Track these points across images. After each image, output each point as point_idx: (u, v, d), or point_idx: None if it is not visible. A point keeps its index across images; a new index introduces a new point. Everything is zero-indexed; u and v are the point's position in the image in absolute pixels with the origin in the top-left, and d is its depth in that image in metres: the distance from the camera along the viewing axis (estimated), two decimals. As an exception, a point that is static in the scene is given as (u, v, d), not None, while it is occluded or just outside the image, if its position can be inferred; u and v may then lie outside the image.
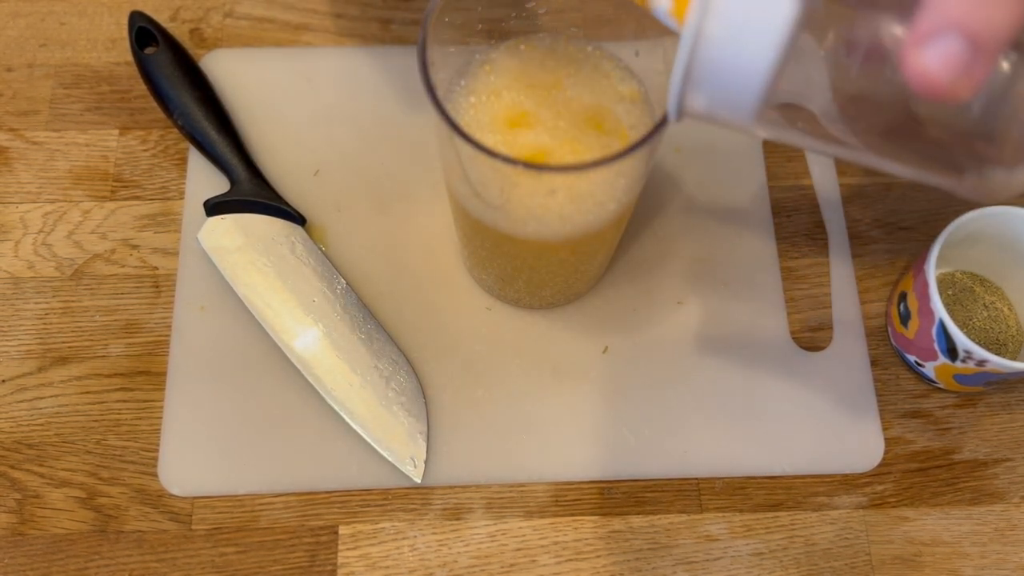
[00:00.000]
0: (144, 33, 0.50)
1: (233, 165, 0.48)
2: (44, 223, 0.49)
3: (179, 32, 0.54)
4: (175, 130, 0.51)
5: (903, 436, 0.46)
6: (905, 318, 0.44)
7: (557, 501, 0.44)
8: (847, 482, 0.45)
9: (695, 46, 0.23)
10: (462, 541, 0.43)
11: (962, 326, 0.46)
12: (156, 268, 0.48)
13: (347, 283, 0.47)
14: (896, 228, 0.50)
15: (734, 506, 0.44)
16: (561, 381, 0.46)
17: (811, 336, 0.48)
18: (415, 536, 0.43)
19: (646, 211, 0.50)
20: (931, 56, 0.19)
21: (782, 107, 0.25)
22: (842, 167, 0.51)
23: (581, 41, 0.39)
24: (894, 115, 0.25)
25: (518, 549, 0.43)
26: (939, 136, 0.25)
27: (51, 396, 0.46)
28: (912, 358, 0.45)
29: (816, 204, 0.50)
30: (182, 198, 0.50)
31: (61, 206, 0.50)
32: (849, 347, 0.47)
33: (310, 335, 0.46)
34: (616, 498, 0.44)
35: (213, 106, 0.49)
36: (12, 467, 0.44)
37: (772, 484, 0.45)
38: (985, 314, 0.47)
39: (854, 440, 0.45)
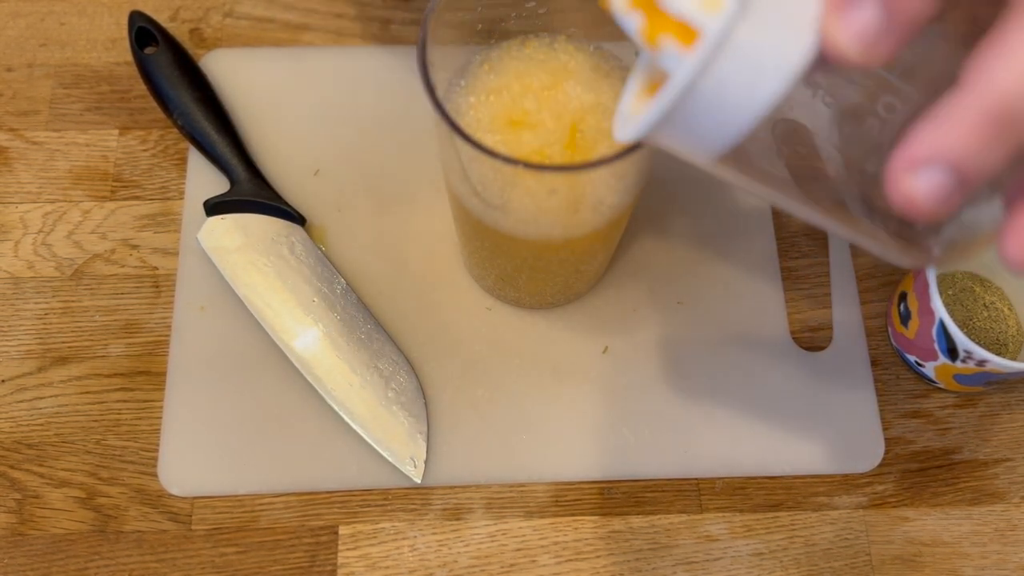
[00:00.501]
0: (144, 33, 0.50)
1: (233, 165, 0.48)
2: (44, 223, 0.49)
3: (179, 32, 0.54)
4: (175, 130, 0.51)
5: (903, 436, 0.46)
6: (905, 318, 0.44)
7: (557, 501, 0.44)
8: (847, 482, 0.45)
9: (694, 83, 0.21)
10: (462, 541, 0.43)
11: (962, 326, 0.46)
12: (156, 268, 0.48)
13: (347, 283, 0.47)
14: (896, 228, 0.50)
15: (734, 506, 0.44)
16: (561, 381, 0.46)
17: (811, 336, 0.48)
18: (415, 536, 0.43)
19: (646, 211, 0.50)
20: (920, 185, 0.20)
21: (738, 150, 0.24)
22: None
23: (581, 41, 0.39)
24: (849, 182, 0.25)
25: (518, 549, 0.43)
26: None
27: (51, 396, 0.46)
28: (912, 358, 0.45)
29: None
30: (182, 198, 0.50)
31: (61, 206, 0.50)
32: (849, 347, 0.47)
33: (310, 335, 0.46)
34: (616, 498, 0.44)
35: (213, 106, 0.49)
36: (12, 467, 0.44)
37: (772, 484, 0.45)
38: (985, 314, 0.47)
39: (854, 440, 0.45)
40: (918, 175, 0.20)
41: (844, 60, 0.20)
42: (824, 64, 0.21)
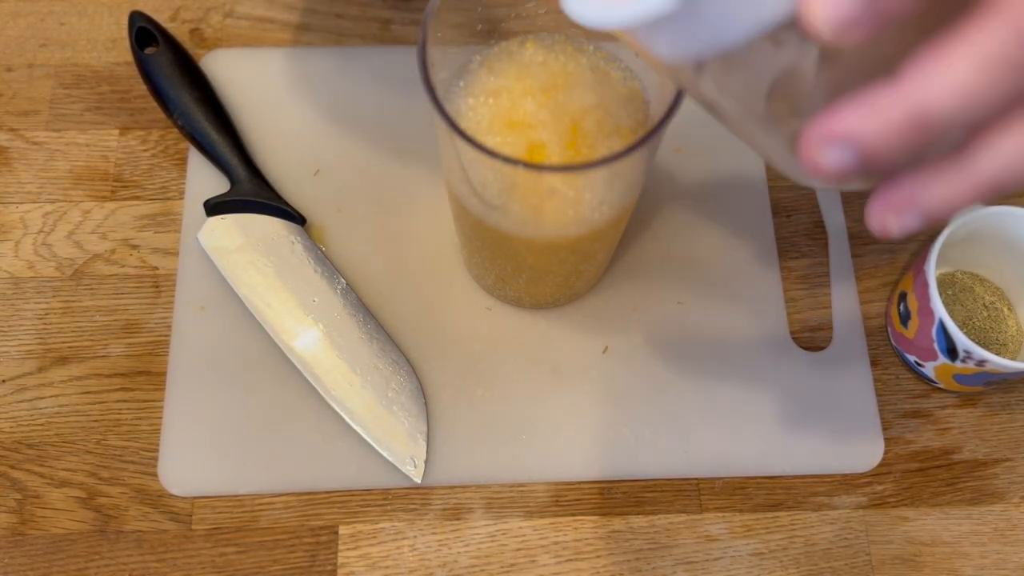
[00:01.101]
0: (144, 33, 0.50)
1: (233, 165, 0.48)
2: (44, 223, 0.49)
3: (179, 32, 0.54)
4: (175, 130, 0.51)
5: (903, 436, 0.46)
6: (905, 318, 0.44)
7: (557, 501, 0.44)
8: (847, 482, 0.45)
9: None
10: (462, 541, 0.43)
11: (962, 326, 0.46)
12: (156, 268, 0.48)
13: (347, 283, 0.47)
14: (896, 228, 0.50)
15: (734, 506, 0.44)
16: (561, 381, 0.46)
17: (811, 336, 0.48)
18: (415, 536, 0.43)
19: (646, 211, 0.50)
20: (828, 157, 0.22)
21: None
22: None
23: (581, 41, 0.39)
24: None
25: (518, 549, 0.43)
26: None
27: (51, 396, 0.46)
28: (912, 358, 0.45)
29: (816, 204, 0.50)
30: (182, 198, 0.50)
31: (61, 206, 0.50)
32: (849, 347, 0.47)
33: (310, 335, 0.46)
34: (616, 498, 0.44)
35: (213, 106, 0.49)
36: (12, 467, 0.44)
37: (772, 484, 0.45)
38: (985, 314, 0.47)
39: (854, 440, 0.45)
40: (829, 148, 0.21)
41: (814, 35, 0.20)
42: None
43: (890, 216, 0.23)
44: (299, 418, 0.45)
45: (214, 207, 0.48)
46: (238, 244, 0.47)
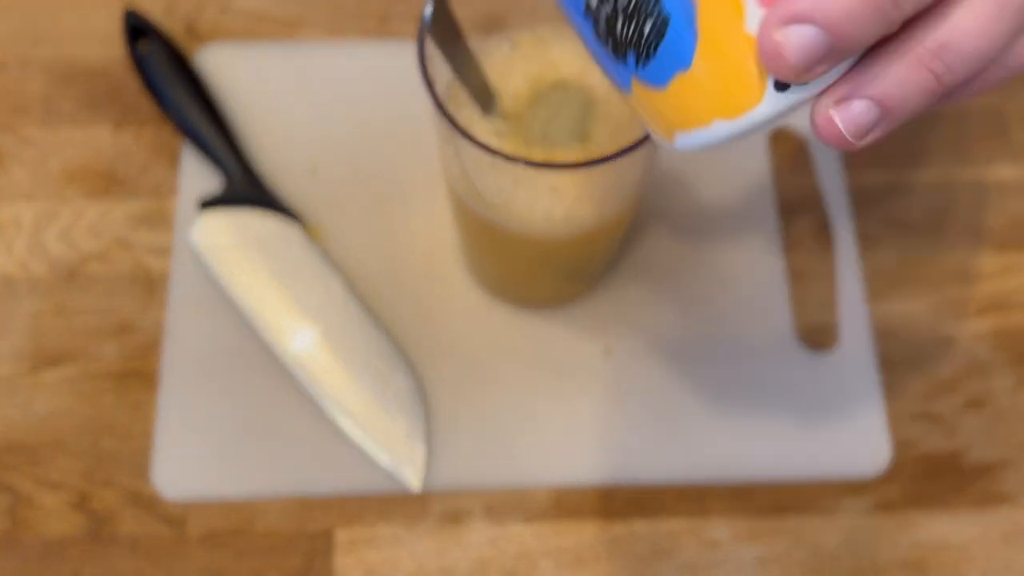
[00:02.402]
0: (138, 30, 0.49)
1: (228, 163, 0.48)
2: (37, 222, 0.49)
3: (173, 26, 0.53)
4: (169, 127, 0.51)
5: (911, 439, 0.45)
6: None
7: (558, 505, 0.44)
8: (853, 486, 0.44)
9: None
10: (461, 546, 0.43)
11: None
12: (149, 267, 0.48)
13: (344, 283, 0.47)
14: (903, 227, 0.50)
15: (738, 510, 0.44)
16: (562, 382, 0.46)
17: (817, 337, 0.47)
18: (413, 541, 0.43)
19: (647, 211, 0.49)
20: (792, 38, 0.20)
21: None
22: (849, 164, 0.51)
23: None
24: None
25: (518, 554, 0.43)
26: None
27: (44, 398, 0.45)
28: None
29: (822, 203, 0.50)
30: (176, 196, 0.49)
31: (54, 205, 0.49)
32: (856, 348, 0.47)
33: (306, 336, 0.45)
34: (618, 502, 0.44)
35: (208, 104, 0.49)
36: (4, 470, 0.44)
37: (777, 488, 0.44)
38: None
39: (861, 443, 0.45)
40: (792, 28, 0.20)
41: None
42: None
43: (835, 112, 0.21)
44: (295, 420, 0.44)
45: (209, 205, 0.47)
46: (233, 243, 0.47)
